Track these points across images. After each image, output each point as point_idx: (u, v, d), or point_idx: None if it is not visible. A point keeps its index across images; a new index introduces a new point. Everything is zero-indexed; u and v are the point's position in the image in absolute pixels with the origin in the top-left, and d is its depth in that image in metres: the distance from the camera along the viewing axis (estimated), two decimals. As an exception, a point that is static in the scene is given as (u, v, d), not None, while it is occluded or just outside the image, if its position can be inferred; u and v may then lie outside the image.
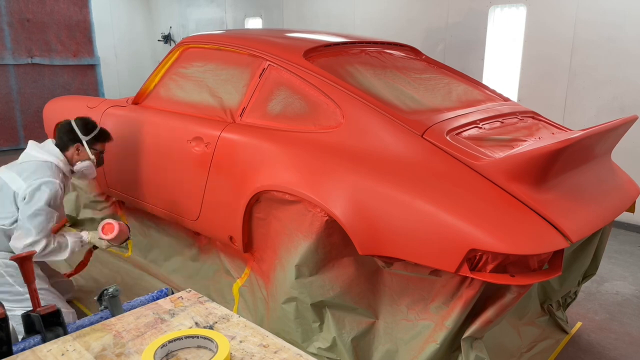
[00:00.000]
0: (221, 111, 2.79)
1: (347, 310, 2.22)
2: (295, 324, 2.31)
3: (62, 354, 1.06)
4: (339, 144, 2.25)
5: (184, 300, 1.29)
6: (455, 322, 1.92)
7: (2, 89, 7.34)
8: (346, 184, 2.08)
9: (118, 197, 3.61)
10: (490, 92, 2.97)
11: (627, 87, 4.47)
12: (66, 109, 4.06)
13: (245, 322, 1.18)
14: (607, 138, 2.25)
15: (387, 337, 2.17)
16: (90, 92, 8.09)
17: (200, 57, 3.12)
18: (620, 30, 4.43)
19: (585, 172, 2.21)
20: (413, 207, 1.91)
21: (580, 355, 2.73)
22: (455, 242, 1.80)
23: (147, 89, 3.36)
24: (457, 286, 1.91)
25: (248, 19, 8.57)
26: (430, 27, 5.90)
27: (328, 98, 2.38)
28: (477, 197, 1.92)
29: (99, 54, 8.34)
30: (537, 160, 1.89)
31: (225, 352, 1.02)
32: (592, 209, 2.10)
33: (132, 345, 1.09)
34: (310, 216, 2.19)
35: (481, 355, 1.93)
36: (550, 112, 4.05)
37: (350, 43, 2.97)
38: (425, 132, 2.15)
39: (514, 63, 5.26)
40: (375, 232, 1.97)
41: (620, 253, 4.13)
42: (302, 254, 2.26)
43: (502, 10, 5.34)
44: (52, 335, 1.13)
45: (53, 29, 7.67)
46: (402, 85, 2.61)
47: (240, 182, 2.48)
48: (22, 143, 7.63)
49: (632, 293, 3.45)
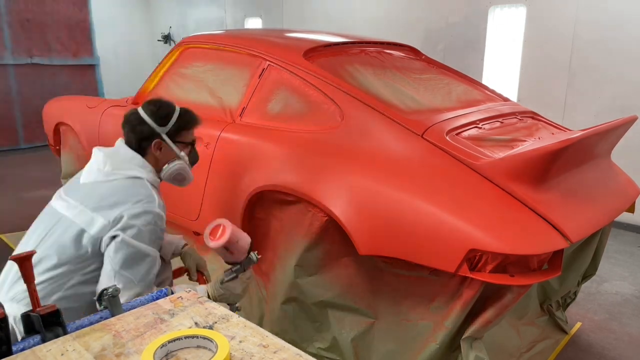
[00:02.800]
0: (221, 111, 2.79)
1: (347, 311, 2.22)
2: (295, 324, 2.31)
3: (62, 354, 1.06)
4: (338, 144, 2.25)
5: (184, 300, 1.29)
6: (454, 322, 1.92)
7: (2, 89, 7.35)
8: (346, 184, 2.08)
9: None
10: (490, 92, 2.98)
11: (627, 87, 4.47)
12: (66, 109, 4.06)
13: (245, 322, 1.18)
14: (607, 138, 2.25)
15: (387, 337, 2.17)
16: (90, 92, 8.10)
17: (200, 57, 3.12)
18: (620, 30, 4.43)
19: (585, 172, 2.21)
20: (413, 207, 1.91)
21: (580, 355, 2.73)
22: (455, 242, 1.80)
23: (147, 89, 3.36)
24: (456, 286, 1.91)
25: (248, 19, 8.56)
26: (430, 27, 5.89)
27: (328, 98, 2.38)
28: (476, 197, 1.92)
29: (99, 54, 8.35)
30: (537, 160, 1.89)
31: (225, 352, 1.02)
32: (591, 209, 2.10)
33: (131, 345, 1.09)
34: (310, 216, 2.19)
35: (481, 355, 1.93)
36: (550, 112, 4.04)
37: (350, 43, 2.97)
38: (425, 132, 2.15)
39: (513, 63, 5.26)
40: (375, 232, 1.97)
41: (620, 253, 4.13)
42: (301, 253, 2.26)
43: (502, 10, 5.34)
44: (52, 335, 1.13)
45: (53, 29, 7.68)
46: (402, 85, 2.61)
47: (239, 182, 2.48)
48: (21, 143, 7.65)
49: (632, 293, 3.45)
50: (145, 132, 1.93)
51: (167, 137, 1.96)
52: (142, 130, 1.93)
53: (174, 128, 1.97)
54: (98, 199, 1.76)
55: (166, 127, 1.95)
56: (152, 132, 1.93)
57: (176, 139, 1.99)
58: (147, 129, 1.93)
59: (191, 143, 2.07)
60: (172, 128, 1.96)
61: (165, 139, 1.95)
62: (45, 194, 5.29)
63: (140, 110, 1.97)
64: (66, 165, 4.05)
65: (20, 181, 5.89)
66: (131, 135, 1.94)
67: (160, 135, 1.94)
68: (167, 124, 1.95)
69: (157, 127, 1.94)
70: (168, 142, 1.96)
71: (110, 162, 1.84)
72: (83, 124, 3.75)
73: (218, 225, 1.78)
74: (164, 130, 1.95)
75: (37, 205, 4.84)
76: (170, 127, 1.96)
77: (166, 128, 1.95)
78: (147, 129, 1.93)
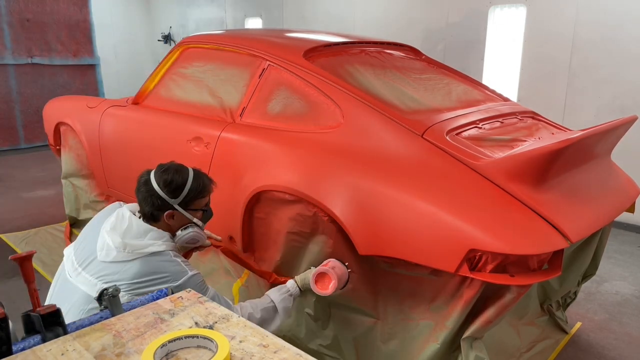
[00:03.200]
0: (221, 111, 2.79)
1: (348, 310, 2.22)
2: (296, 324, 2.31)
3: (62, 354, 1.06)
4: (338, 144, 2.25)
5: (184, 300, 1.29)
6: (455, 322, 1.92)
7: (2, 89, 7.35)
8: (346, 184, 2.08)
9: (118, 197, 3.61)
10: (490, 92, 2.97)
11: (627, 87, 4.47)
12: (66, 108, 4.06)
13: (245, 322, 1.18)
14: (607, 138, 2.25)
15: (387, 336, 2.17)
16: (90, 92, 8.10)
17: (200, 57, 3.12)
18: (620, 30, 4.43)
19: (585, 172, 2.21)
20: (413, 207, 1.91)
21: (580, 355, 2.73)
22: (455, 242, 1.80)
23: (147, 89, 3.36)
24: (457, 286, 1.91)
25: (248, 19, 8.56)
26: (430, 27, 5.89)
27: (328, 98, 2.38)
28: (476, 197, 1.92)
29: (99, 54, 8.34)
30: (537, 160, 1.89)
31: (225, 352, 1.03)
32: (591, 209, 2.10)
33: (131, 345, 1.09)
34: (310, 216, 2.19)
35: (481, 355, 1.93)
36: (550, 112, 4.04)
37: (350, 43, 2.97)
38: (425, 132, 2.15)
39: (514, 63, 5.26)
40: (375, 232, 1.97)
41: (620, 253, 4.13)
42: (302, 254, 2.26)
43: (502, 10, 5.34)
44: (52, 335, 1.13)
45: (53, 28, 7.68)
46: (402, 85, 2.61)
47: (240, 182, 2.48)
48: (21, 143, 7.65)
49: (632, 293, 3.45)
50: (158, 204, 1.90)
51: (180, 207, 1.93)
52: (154, 203, 1.90)
53: (187, 199, 1.94)
54: (129, 279, 1.74)
55: (179, 198, 1.92)
56: (165, 203, 1.91)
57: (189, 208, 1.97)
58: (160, 201, 1.90)
59: (204, 208, 2.04)
60: (185, 199, 1.93)
61: (178, 208, 1.93)
62: (45, 194, 5.33)
63: (153, 180, 1.92)
64: (66, 165, 4.05)
65: (20, 181, 5.90)
66: (144, 205, 1.92)
67: (173, 206, 1.92)
68: (179, 195, 1.92)
69: (170, 199, 1.91)
70: (181, 211, 1.94)
71: (127, 241, 1.80)
72: (83, 123, 3.75)
73: (323, 273, 1.97)
74: (177, 202, 1.92)
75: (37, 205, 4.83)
76: (183, 198, 1.93)
77: (179, 199, 1.92)
78: (160, 201, 1.90)
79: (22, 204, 5.02)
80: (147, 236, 1.84)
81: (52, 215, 4.59)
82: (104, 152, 3.53)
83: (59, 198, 4.55)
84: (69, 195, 4.08)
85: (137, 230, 1.84)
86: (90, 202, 3.95)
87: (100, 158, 3.58)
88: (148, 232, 1.85)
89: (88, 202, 3.97)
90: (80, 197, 4.05)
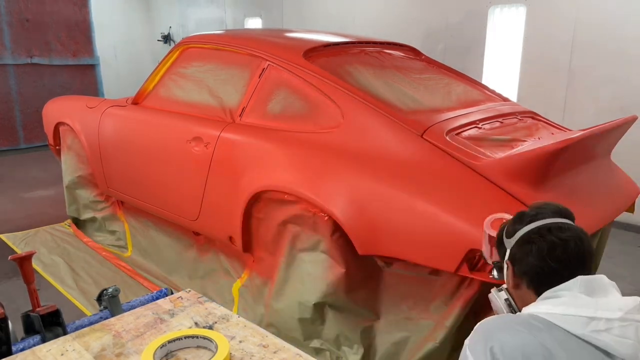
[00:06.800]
0: (221, 111, 2.79)
1: (348, 310, 2.22)
2: (296, 324, 2.31)
3: (62, 354, 1.06)
4: (338, 144, 2.25)
5: (184, 300, 1.29)
6: (454, 322, 1.92)
7: (2, 89, 7.34)
8: (346, 184, 2.08)
9: (118, 197, 3.61)
10: (489, 92, 2.97)
11: (627, 87, 4.47)
12: (66, 108, 4.06)
13: (244, 322, 1.18)
14: (607, 138, 2.25)
15: (387, 336, 2.17)
16: (90, 92, 8.09)
17: (200, 57, 3.12)
18: (620, 30, 4.43)
19: (585, 172, 2.21)
20: (412, 207, 1.91)
21: (580, 355, 2.72)
22: (455, 242, 1.80)
23: (147, 89, 3.36)
24: (456, 286, 1.91)
25: (248, 19, 8.56)
26: (430, 27, 5.89)
27: (328, 98, 2.38)
28: (476, 197, 1.92)
29: (99, 54, 8.34)
30: (537, 160, 1.89)
31: (225, 352, 1.03)
32: (591, 209, 2.10)
33: (131, 345, 1.09)
34: (309, 216, 2.19)
35: (481, 355, 1.92)
36: (550, 112, 4.04)
37: (350, 43, 2.97)
38: (425, 132, 2.15)
39: (513, 63, 5.26)
40: (374, 232, 1.97)
41: (620, 253, 4.12)
42: (302, 254, 2.26)
43: (502, 10, 5.34)
44: (52, 335, 1.13)
45: (52, 29, 7.67)
46: (401, 85, 2.61)
47: (239, 182, 2.48)
48: (21, 143, 7.64)
49: (632, 293, 3.43)
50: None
51: None
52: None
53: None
54: None
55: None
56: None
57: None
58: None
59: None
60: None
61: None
62: (45, 194, 5.32)
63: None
64: (66, 165, 4.04)
65: (20, 181, 5.89)
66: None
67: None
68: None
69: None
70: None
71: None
72: (83, 124, 3.75)
73: (500, 219, 1.64)
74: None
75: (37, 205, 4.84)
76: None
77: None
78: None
79: (22, 204, 5.01)
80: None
81: (52, 215, 4.58)
82: (103, 152, 3.53)
83: (59, 198, 4.55)
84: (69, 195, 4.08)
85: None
86: (89, 201, 3.95)
87: (99, 158, 3.58)
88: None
89: (88, 202, 3.97)
90: (80, 197, 4.04)
